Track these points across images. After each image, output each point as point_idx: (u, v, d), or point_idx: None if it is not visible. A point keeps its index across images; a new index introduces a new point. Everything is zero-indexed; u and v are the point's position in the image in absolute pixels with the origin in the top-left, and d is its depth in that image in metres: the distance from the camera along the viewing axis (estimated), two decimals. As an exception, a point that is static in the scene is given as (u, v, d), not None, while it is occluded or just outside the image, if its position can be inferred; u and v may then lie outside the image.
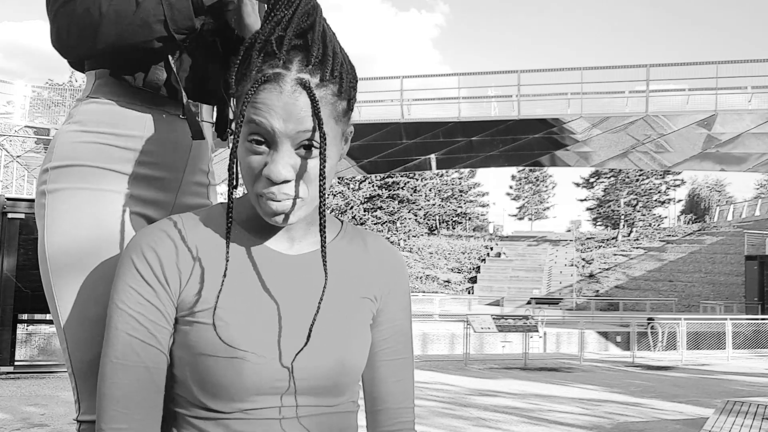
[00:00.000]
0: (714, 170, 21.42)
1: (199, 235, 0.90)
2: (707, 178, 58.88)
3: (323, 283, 0.90)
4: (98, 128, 1.17)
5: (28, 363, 7.95)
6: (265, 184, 0.83)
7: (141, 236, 0.89)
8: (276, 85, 0.80)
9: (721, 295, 26.04)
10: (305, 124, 0.81)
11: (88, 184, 1.15)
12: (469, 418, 6.25)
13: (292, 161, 0.82)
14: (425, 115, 20.05)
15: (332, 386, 0.90)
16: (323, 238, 0.87)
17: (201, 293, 0.87)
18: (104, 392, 0.85)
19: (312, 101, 0.80)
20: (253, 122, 0.81)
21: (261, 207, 0.85)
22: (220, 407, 0.85)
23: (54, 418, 5.38)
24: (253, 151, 0.82)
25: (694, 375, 10.44)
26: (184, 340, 0.86)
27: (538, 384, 8.86)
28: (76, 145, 1.16)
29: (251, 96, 0.80)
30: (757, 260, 21.33)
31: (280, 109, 0.80)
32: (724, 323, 12.94)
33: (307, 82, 0.81)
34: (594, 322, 18.37)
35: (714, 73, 17.71)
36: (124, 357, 0.85)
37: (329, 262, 0.94)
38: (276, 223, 0.86)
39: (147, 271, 0.86)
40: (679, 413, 6.89)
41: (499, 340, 14.02)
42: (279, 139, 0.81)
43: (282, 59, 0.81)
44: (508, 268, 36.40)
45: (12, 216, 7.27)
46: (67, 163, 1.15)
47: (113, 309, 0.87)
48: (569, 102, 19.02)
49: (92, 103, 1.19)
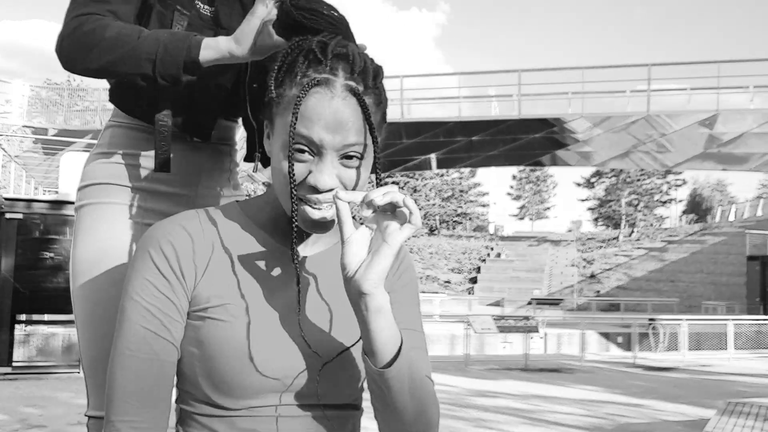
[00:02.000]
0: (716, 170, 21.42)
1: (215, 232, 0.91)
2: (709, 177, 58.87)
3: (335, 283, 0.92)
4: (116, 149, 1.30)
5: (26, 364, 7.93)
6: (308, 191, 0.84)
7: (158, 229, 0.90)
8: (327, 90, 0.82)
9: (723, 295, 25.98)
10: (351, 137, 0.83)
11: (106, 198, 1.27)
12: (470, 419, 6.23)
13: (337, 171, 0.84)
14: (425, 114, 20.07)
15: (335, 384, 0.91)
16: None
17: (215, 289, 0.88)
18: (114, 384, 0.85)
19: (363, 107, 0.83)
20: (300, 134, 0.82)
21: (302, 215, 0.86)
22: (228, 403, 0.86)
23: (52, 418, 5.35)
24: (296, 160, 0.84)
25: (696, 376, 10.41)
26: (196, 335, 0.87)
27: (538, 385, 8.84)
28: (98, 166, 1.30)
29: (302, 100, 0.82)
30: (759, 260, 21.30)
31: (329, 117, 0.82)
32: (725, 324, 12.91)
33: (356, 88, 0.83)
34: (595, 323, 18.34)
35: (716, 72, 17.67)
36: (137, 348, 0.85)
37: (335, 262, 0.95)
38: (314, 231, 0.88)
39: (164, 264, 0.87)
40: (681, 414, 6.86)
41: (500, 341, 13.99)
42: (325, 150, 0.83)
43: (328, 65, 0.83)
44: (508, 268, 36.37)
45: (10, 216, 7.24)
46: (90, 183, 1.29)
47: (127, 300, 0.87)
48: (570, 101, 19.00)
49: (112, 127, 1.33)
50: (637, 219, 43.45)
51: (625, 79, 20.08)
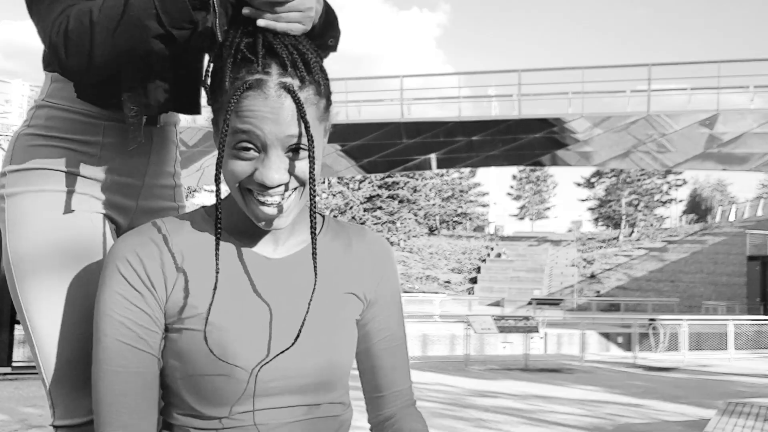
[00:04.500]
0: (716, 170, 21.40)
1: (183, 240, 0.89)
2: (709, 177, 58.87)
3: (310, 284, 0.90)
4: (55, 133, 1.14)
5: (26, 364, 7.92)
6: (258, 188, 0.82)
7: (123, 242, 0.88)
8: (260, 92, 0.79)
9: (723, 295, 25.97)
10: (294, 129, 0.81)
11: (49, 186, 1.12)
12: (470, 419, 6.22)
13: (284, 165, 0.82)
14: (425, 114, 20.11)
15: (320, 383, 0.90)
16: (314, 240, 0.86)
17: (188, 299, 0.86)
18: (99, 399, 0.85)
19: (297, 105, 0.80)
20: (240, 131, 0.80)
21: (252, 211, 0.84)
22: (213, 412, 0.86)
23: (51, 419, 5.34)
24: (241, 158, 0.82)
25: (696, 376, 10.41)
26: (174, 347, 0.86)
27: (538, 385, 8.83)
28: (35, 149, 1.13)
29: (234, 104, 0.79)
30: (760, 261, 21.31)
31: (268, 114, 0.79)
32: (726, 324, 12.90)
33: (291, 85, 0.80)
34: (595, 323, 18.34)
35: (716, 72, 17.64)
36: (116, 363, 0.84)
37: (308, 263, 0.94)
38: (267, 227, 0.86)
39: (132, 276, 0.86)
40: (681, 414, 6.86)
41: (500, 341, 13.99)
42: (270, 144, 0.80)
43: (260, 64, 0.80)
44: (508, 268, 36.35)
45: (9, 216, 7.23)
46: (26, 167, 1.12)
47: (100, 316, 0.86)
48: (570, 101, 18.97)
49: (47, 107, 1.16)
50: (638, 219, 43.42)
51: (625, 79, 20.06)
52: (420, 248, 40.91)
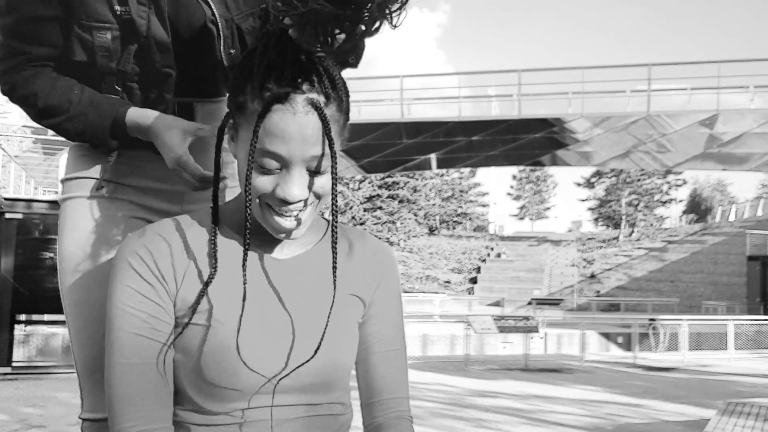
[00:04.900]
0: (716, 170, 21.40)
1: (192, 238, 0.91)
2: (709, 177, 58.82)
3: (316, 285, 0.93)
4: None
5: (26, 364, 7.93)
6: (277, 203, 0.85)
7: (133, 239, 0.90)
8: (288, 107, 0.81)
9: (723, 295, 25.96)
10: (318, 149, 0.83)
11: (95, 193, 1.23)
12: (470, 420, 6.22)
13: (305, 181, 0.85)
14: (425, 114, 20.08)
15: (322, 384, 0.91)
16: (335, 255, 0.90)
17: (197, 295, 0.88)
18: (113, 393, 0.85)
19: (323, 123, 0.82)
20: (267, 151, 0.82)
21: (270, 223, 0.87)
22: (217, 408, 0.86)
23: (52, 419, 5.34)
24: (263, 173, 0.84)
25: (696, 376, 10.40)
26: (181, 342, 0.87)
27: (538, 385, 8.83)
28: (84, 159, 1.25)
29: (262, 119, 0.81)
30: (760, 261, 21.29)
31: (295, 133, 0.81)
32: (726, 324, 12.89)
33: (318, 102, 0.82)
34: (595, 323, 18.33)
35: (716, 72, 17.64)
36: (130, 355, 0.85)
37: (316, 264, 0.96)
38: (283, 237, 0.88)
39: (143, 269, 0.87)
40: (681, 414, 6.85)
41: (500, 341, 13.98)
42: (293, 163, 0.83)
43: (289, 77, 0.81)
44: (508, 268, 36.34)
45: (10, 216, 7.24)
46: (76, 175, 1.24)
47: (113, 311, 0.87)
48: (570, 101, 18.97)
49: None
50: (637, 219, 43.42)
51: (625, 79, 20.10)
52: (420, 248, 40.90)
